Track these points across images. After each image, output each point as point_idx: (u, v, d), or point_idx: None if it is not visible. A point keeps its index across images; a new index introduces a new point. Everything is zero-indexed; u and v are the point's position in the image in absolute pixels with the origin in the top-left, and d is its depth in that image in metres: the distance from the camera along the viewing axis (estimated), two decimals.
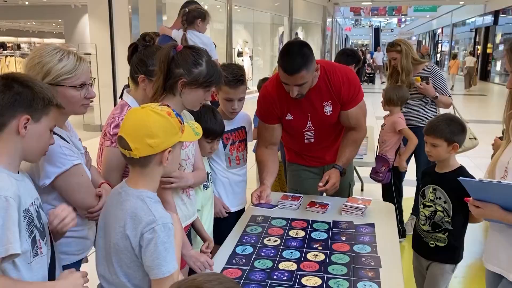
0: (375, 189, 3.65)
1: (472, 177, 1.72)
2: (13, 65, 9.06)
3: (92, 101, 1.65)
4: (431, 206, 2.11)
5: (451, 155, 2.07)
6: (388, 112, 3.47)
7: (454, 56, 17.77)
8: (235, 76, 2.13)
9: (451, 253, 2.10)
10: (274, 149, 2.37)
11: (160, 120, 1.30)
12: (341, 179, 2.30)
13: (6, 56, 10.06)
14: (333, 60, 4.17)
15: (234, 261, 1.72)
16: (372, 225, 2.03)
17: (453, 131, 2.04)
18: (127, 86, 2.00)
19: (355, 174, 4.39)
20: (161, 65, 1.64)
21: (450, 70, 16.72)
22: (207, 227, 2.02)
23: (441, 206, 2.07)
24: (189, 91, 1.66)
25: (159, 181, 1.41)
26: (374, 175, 3.41)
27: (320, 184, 2.21)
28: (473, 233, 3.76)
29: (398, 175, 3.42)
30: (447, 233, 2.06)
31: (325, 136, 2.36)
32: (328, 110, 2.24)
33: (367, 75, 17.51)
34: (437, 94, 3.44)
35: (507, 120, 1.58)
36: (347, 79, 2.22)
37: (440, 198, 2.07)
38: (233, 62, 10.04)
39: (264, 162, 2.31)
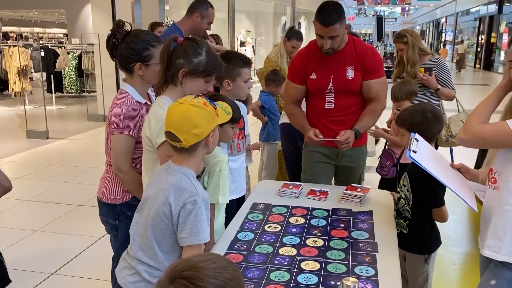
0: (376, 179, 3.67)
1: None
2: (16, 55, 9.03)
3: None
4: (398, 192, 2.14)
5: None
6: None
7: (444, 45, 20.35)
8: (245, 57, 2.34)
9: (415, 243, 2.07)
10: (298, 105, 2.70)
11: (200, 111, 1.46)
12: (352, 170, 2.63)
13: (9, 46, 10.02)
14: None
15: (235, 246, 1.78)
16: (370, 212, 2.08)
17: (416, 121, 2.02)
18: None
19: None
20: (163, 57, 1.71)
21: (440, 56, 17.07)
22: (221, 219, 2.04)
23: (404, 194, 2.07)
24: (190, 81, 1.74)
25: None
26: (380, 169, 3.28)
27: (338, 137, 2.42)
28: (471, 221, 3.81)
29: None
30: (408, 221, 2.05)
31: (344, 105, 2.52)
32: (350, 74, 2.47)
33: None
34: (439, 86, 3.44)
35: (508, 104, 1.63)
36: (372, 50, 2.54)
37: (405, 185, 2.08)
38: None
39: (297, 113, 2.67)
